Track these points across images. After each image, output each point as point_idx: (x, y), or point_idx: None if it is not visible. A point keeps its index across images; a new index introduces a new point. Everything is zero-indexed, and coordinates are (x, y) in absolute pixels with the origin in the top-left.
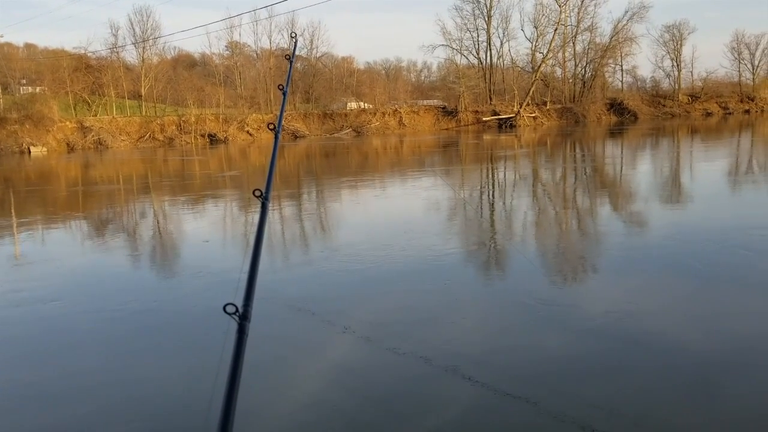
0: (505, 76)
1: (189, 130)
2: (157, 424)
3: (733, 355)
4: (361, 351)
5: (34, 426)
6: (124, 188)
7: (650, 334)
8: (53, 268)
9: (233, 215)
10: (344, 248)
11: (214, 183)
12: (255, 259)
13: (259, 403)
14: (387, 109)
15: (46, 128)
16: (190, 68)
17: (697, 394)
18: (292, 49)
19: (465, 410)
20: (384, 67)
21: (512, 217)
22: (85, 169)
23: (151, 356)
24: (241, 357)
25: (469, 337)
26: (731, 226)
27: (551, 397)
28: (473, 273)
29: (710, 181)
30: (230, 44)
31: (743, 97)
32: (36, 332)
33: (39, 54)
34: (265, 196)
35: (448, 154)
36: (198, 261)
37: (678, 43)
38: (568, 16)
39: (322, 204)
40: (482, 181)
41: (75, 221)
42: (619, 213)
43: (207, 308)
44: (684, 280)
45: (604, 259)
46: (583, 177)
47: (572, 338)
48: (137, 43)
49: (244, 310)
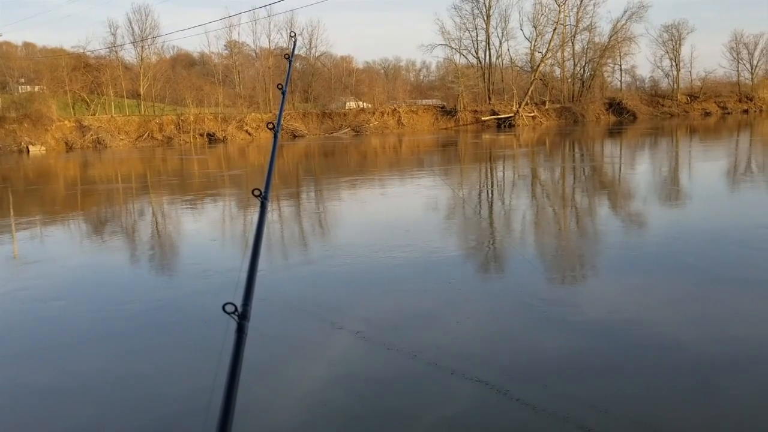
0: (504, 75)
1: (188, 129)
2: (156, 423)
3: (731, 355)
4: (360, 350)
5: (33, 424)
6: (123, 187)
7: (649, 333)
8: (53, 267)
9: (232, 215)
10: (343, 248)
11: (213, 182)
12: (254, 258)
13: (259, 402)
14: (386, 108)
15: (45, 127)
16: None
17: (695, 394)
18: (292, 49)
19: (463, 409)
20: (383, 67)
21: (511, 216)
22: (84, 168)
23: (151, 355)
24: (240, 356)
25: (467, 337)
26: (730, 226)
27: (549, 396)
28: (471, 273)
29: (708, 180)
30: (229, 43)
31: (742, 97)
32: (36, 331)
33: (37, 53)
34: (264, 196)
35: (447, 154)
36: (197, 260)
37: (677, 43)
38: (567, 16)
39: (321, 203)
40: (481, 181)
41: (74, 220)
42: (618, 212)
43: (206, 307)
44: (683, 279)
45: (602, 258)
46: (582, 177)
47: (571, 338)
48: (136, 42)
49: (244, 309)
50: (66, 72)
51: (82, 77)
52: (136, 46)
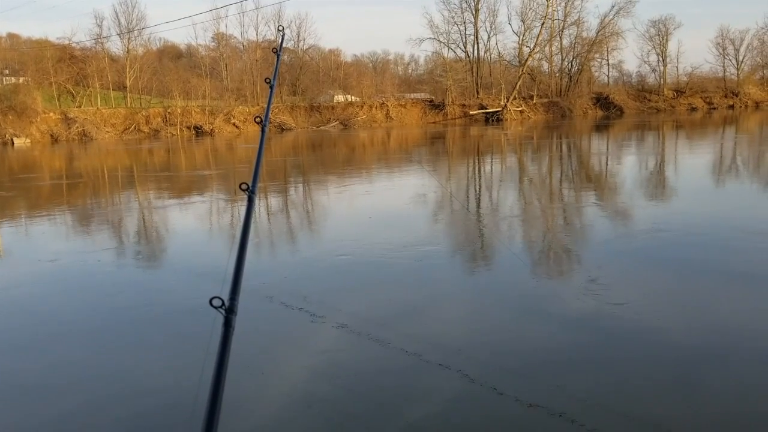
0: (492, 69)
1: (174, 122)
2: (143, 418)
3: (715, 348)
4: (348, 344)
5: (19, 418)
6: (109, 181)
7: (634, 326)
8: (39, 261)
9: (219, 209)
10: (331, 242)
11: (201, 176)
12: (241, 252)
13: (245, 396)
14: (374, 102)
15: (30, 119)
16: (176, 60)
17: (679, 386)
18: (280, 43)
19: (451, 402)
20: (371, 60)
21: (498, 211)
22: (70, 160)
23: (138, 350)
24: (227, 350)
25: (455, 330)
26: (713, 220)
27: (537, 389)
28: (459, 267)
29: (692, 174)
30: (216, 36)
31: (728, 93)
32: (22, 324)
33: (22, 44)
34: (251, 190)
35: (435, 148)
36: (184, 254)
37: (664, 38)
38: (555, 10)
39: (309, 198)
40: (469, 175)
41: (61, 214)
42: (604, 206)
43: (193, 301)
44: (667, 272)
45: (589, 252)
46: (569, 171)
47: (557, 331)
48: (122, 33)
49: (231, 303)
50: (51, 63)
51: (68, 69)
52: (122, 38)
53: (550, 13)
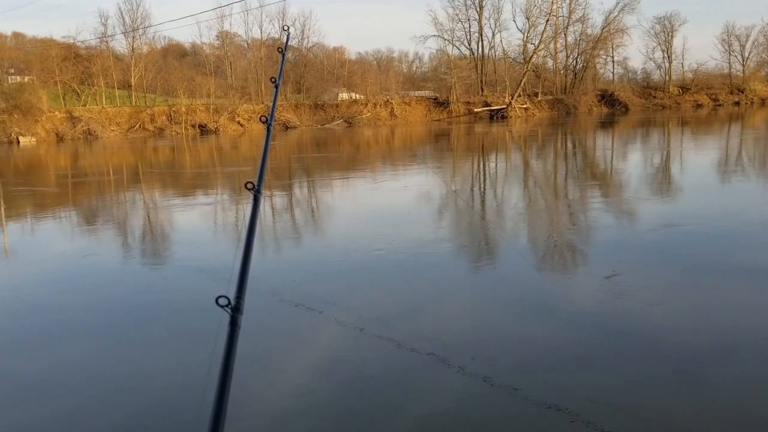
0: (497, 67)
1: (179, 120)
2: (149, 416)
3: (720, 344)
4: (352, 342)
5: (24, 416)
6: (114, 179)
7: (638, 324)
8: (44, 259)
9: (225, 207)
10: (336, 240)
11: (205, 175)
12: (247, 251)
13: (251, 394)
14: (378, 99)
15: (35, 118)
16: (181, 58)
17: (684, 383)
18: (285, 42)
19: (455, 400)
20: (375, 58)
21: (503, 208)
22: (75, 159)
23: (144, 348)
24: (233, 349)
25: (459, 328)
26: (720, 216)
27: (541, 387)
28: (463, 264)
29: (698, 171)
30: (221, 34)
31: (733, 89)
32: (27, 323)
33: (27, 43)
34: (257, 189)
35: (439, 145)
36: (190, 252)
37: (669, 35)
38: (560, 7)
39: (314, 195)
40: (473, 173)
41: (66, 212)
42: (609, 204)
43: (200, 301)
44: (672, 269)
45: (593, 249)
46: (574, 168)
47: (562, 329)
48: (127, 32)
49: (237, 302)
50: (56, 62)
51: (73, 68)
52: (127, 37)
53: (555, 10)
